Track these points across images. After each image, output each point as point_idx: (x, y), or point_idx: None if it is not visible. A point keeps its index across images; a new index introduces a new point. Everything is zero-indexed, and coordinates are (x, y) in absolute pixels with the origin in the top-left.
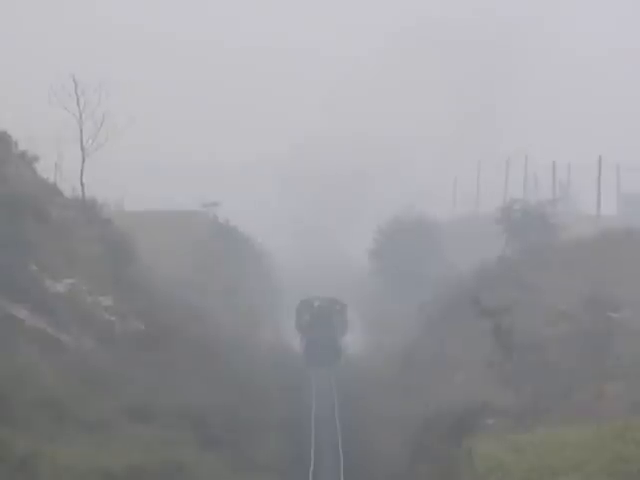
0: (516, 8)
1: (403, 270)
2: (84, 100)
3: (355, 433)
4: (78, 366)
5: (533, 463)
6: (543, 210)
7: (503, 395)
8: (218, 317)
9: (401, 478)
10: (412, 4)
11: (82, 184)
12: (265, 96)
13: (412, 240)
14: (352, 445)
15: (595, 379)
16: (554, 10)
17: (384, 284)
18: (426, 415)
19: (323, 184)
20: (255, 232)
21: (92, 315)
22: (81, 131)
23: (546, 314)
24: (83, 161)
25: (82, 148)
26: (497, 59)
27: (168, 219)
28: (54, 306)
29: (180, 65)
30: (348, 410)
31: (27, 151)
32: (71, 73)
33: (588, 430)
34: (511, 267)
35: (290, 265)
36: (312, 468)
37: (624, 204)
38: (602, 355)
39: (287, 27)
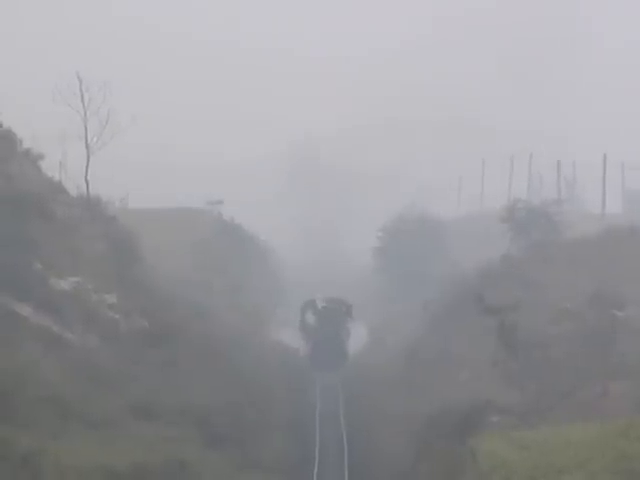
0: (516, 9)
1: (407, 268)
2: (88, 98)
3: (359, 431)
4: (82, 364)
5: (537, 461)
6: (547, 208)
7: (507, 393)
8: (222, 315)
9: (405, 476)
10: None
11: (87, 182)
12: (267, 95)
13: (416, 238)
14: (357, 443)
15: (599, 377)
16: (555, 10)
17: (388, 282)
18: (430, 413)
19: (326, 182)
20: (259, 230)
21: (96, 313)
22: (86, 129)
23: (550, 312)
24: (88, 159)
25: (87, 146)
26: (498, 57)
27: (172, 217)
28: (59, 304)
29: (182, 65)
30: (353, 408)
31: (31, 149)
32: (75, 71)
33: (592, 428)
34: (515, 265)
35: (293, 263)
36: (316, 470)
37: (629, 202)
38: (606, 353)
39: (289, 27)
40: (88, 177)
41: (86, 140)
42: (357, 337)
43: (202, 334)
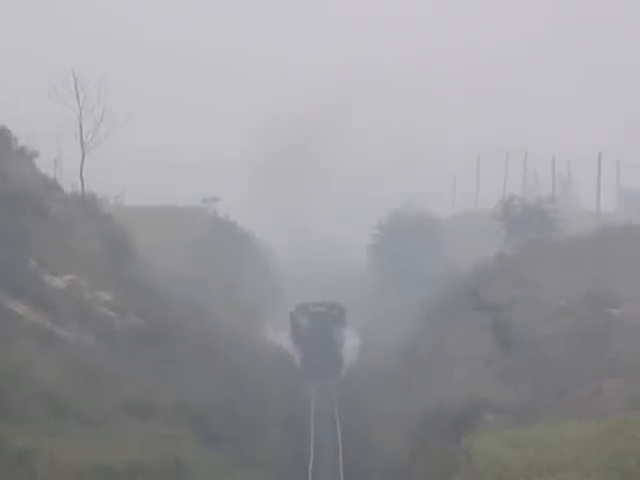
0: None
1: (403, 266)
2: (84, 96)
3: (355, 429)
4: (77, 361)
5: (532, 459)
6: (542, 206)
7: (502, 391)
8: (217, 313)
9: (400, 474)
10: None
11: (82, 180)
12: (263, 92)
13: (412, 236)
14: (351, 441)
15: (594, 375)
16: (554, 10)
17: (383, 280)
18: (426, 411)
19: (322, 181)
20: (254, 229)
21: (91, 311)
22: (81, 127)
23: (545, 310)
24: (83, 157)
25: (82, 144)
26: (496, 54)
27: (168, 215)
28: (53, 302)
29: (178, 64)
30: (348, 406)
31: (26, 147)
32: (71, 69)
33: (587, 426)
34: (510, 263)
35: (288, 261)
36: (311, 467)
37: (624, 200)
38: (601, 351)
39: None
40: (83, 175)
41: (81, 138)
42: (352, 341)
43: (198, 332)
